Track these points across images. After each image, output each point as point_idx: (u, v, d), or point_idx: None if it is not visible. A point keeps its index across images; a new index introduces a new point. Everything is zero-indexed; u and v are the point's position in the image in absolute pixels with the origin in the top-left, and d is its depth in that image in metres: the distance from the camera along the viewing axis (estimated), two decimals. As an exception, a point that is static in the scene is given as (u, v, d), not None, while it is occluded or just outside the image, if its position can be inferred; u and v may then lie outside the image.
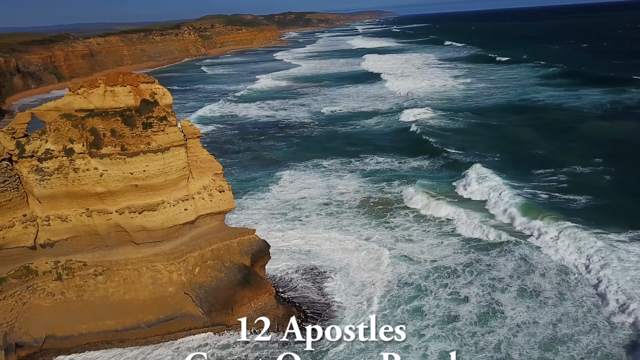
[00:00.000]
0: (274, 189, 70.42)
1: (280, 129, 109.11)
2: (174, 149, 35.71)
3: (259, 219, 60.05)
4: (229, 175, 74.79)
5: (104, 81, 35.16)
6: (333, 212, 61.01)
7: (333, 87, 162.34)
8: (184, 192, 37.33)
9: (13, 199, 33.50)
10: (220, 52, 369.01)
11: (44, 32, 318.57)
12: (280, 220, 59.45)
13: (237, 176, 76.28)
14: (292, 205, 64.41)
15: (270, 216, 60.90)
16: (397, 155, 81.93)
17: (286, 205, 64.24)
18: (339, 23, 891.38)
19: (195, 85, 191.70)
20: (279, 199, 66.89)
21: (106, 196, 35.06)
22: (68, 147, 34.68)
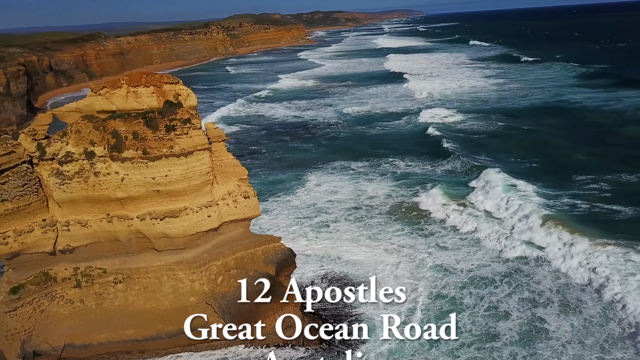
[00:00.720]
0: (300, 192, 68.57)
1: (307, 130, 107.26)
2: (197, 153, 34.06)
3: (285, 223, 58.27)
4: (255, 177, 73.55)
5: (126, 82, 33.75)
6: (363, 217, 58.73)
7: (359, 87, 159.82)
8: (207, 198, 35.69)
9: (32, 203, 32.36)
10: (248, 51, 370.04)
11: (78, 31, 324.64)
12: (306, 225, 57.53)
13: (264, 178, 74.71)
14: (320, 209, 62.40)
15: (296, 220, 59.03)
16: (429, 159, 79.01)
17: (313, 209, 62.28)
18: (367, 22, 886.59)
19: (222, 84, 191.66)
20: (306, 202, 64.99)
21: (127, 201, 33.66)
22: (89, 150, 33.39)
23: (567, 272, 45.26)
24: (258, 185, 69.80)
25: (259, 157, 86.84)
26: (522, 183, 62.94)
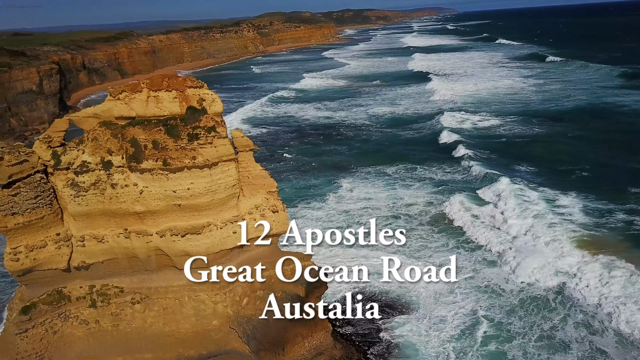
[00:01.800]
0: (332, 198, 65.32)
1: (338, 131, 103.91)
2: (222, 165, 31.04)
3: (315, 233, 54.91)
4: (284, 182, 70.66)
5: (147, 85, 30.97)
6: (401, 229, 54.90)
7: (388, 87, 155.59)
8: (233, 213, 32.66)
9: (46, 216, 29.91)
10: (278, 49, 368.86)
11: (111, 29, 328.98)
12: (335, 237, 54.01)
13: (294, 182, 71.69)
14: (353, 217, 59.01)
15: (327, 230, 55.59)
16: (467, 165, 74.59)
17: (346, 218, 58.94)
18: (398, 20, 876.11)
19: (251, 83, 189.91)
20: (338, 209, 61.71)
21: (146, 216, 30.90)
22: (106, 159, 30.75)
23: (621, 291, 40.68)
24: (288, 190, 66.96)
25: (288, 160, 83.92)
26: (568, 197, 58.21)
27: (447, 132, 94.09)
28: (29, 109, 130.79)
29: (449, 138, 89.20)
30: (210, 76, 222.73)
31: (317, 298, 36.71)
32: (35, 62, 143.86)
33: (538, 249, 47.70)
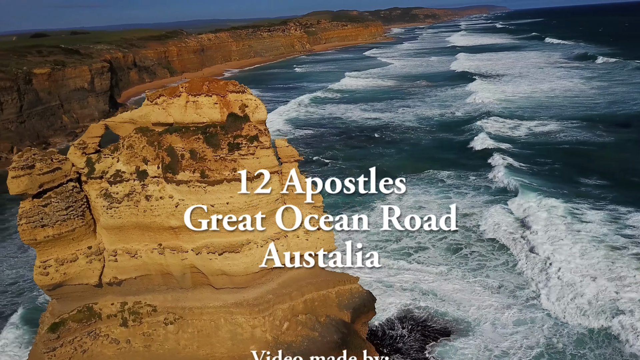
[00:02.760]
0: (379, 207, 61.57)
1: (385, 133, 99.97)
2: (265, 177, 28.22)
3: (360, 246, 51.57)
4: (326, 188, 67.56)
5: (186, 89, 28.55)
6: (458, 244, 50.88)
7: (436, 88, 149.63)
8: (274, 229, 29.84)
9: (77, 228, 28.03)
10: (325, 48, 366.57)
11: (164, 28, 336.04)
12: (387, 251, 50.65)
13: (331, 190, 68.25)
14: (403, 230, 55.10)
15: (374, 243, 52.28)
16: (526, 173, 69.34)
17: (396, 230, 55.08)
18: (447, 18, 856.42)
19: (296, 82, 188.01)
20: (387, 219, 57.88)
21: (181, 231, 28.53)
22: (141, 168, 28.58)
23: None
24: (333, 196, 63.70)
25: (335, 163, 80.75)
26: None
27: (499, 137, 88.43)
28: (81, 106, 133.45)
29: (502, 145, 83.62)
30: (256, 75, 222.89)
31: (364, 324, 33.46)
32: (88, 60, 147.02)
33: (598, 281, 42.49)
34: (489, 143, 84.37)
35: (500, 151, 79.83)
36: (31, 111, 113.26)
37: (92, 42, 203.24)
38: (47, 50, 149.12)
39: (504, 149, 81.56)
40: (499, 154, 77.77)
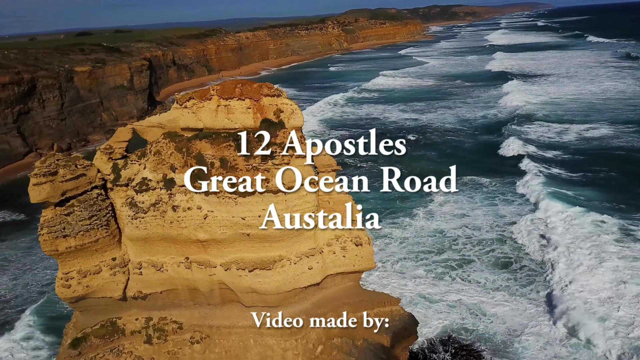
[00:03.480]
0: (421, 214, 58.55)
1: (425, 135, 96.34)
2: (300, 189, 25.87)
3: (399, 257, 48.85)
4: (367, 192, 64.88)
5: (217, 92, 26.47)
6: (507, 257, 47.33)
7: (477, 88, 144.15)
8: (309, 245, 27.49)
9: (101, 239, 26.40)
10: (362, 46, 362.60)
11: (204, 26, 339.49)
12: (427, 263, 47.60)
13: (380, 193, 65.44)
14: (445, 240, 52.08)
15: (414, 255, 49.32)
16: (582, 183, 64.64)
17: (436, 240, 52.12)
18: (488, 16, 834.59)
19: (333, 81, 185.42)
20: (428, 229, 54.93)
21: (210, 244, 26.51)
22: (169, 176, 26.70)
23: None
24: (373, 201, 61.25)
25: (373, 166, 77.73)
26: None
27: (545, 143, 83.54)
28: (120, 103, 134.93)
29: (548, 152, 78.74)
30: (292, 73, 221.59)
31: (404, 349, 30.71)
32: (127, 58, 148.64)
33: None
34: (532, 149, 79.65)
35: (544, 159, 75.20)
36: (72, 108, 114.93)
37: (134, 41, 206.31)
38: (89, 48, 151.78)
39: (550, 156, 76.80)
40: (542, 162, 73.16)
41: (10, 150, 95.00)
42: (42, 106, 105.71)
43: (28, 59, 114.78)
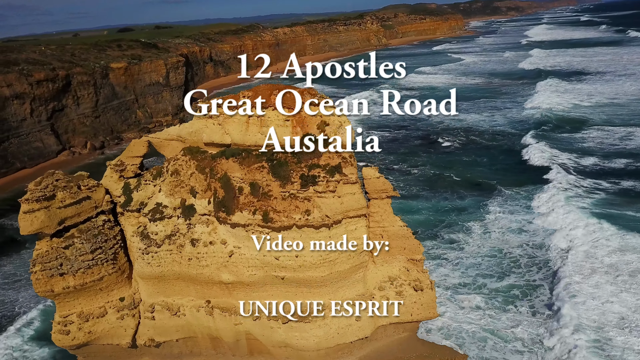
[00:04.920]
0: (476, 229, 52.38)
1: (473, 139, 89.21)
2: (349, 223, 20.65)
3: (457, 281, 42.83)
4: (420, 200, 59.20)
5: (249, 99, 21.39)
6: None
7: (523, 86, 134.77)
8: (357, 290, 22.19)
9: (106, 277, 21.85)
10: (402, 42, 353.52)
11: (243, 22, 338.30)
12: (487, 290, 41.43)
13: (434, 203, 59.52)
14: (505, 260, 45.77)
15: (470, 278, 43.26)
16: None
17: (495, 261, 45.85)
18: (531, 11, 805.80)
19: (370, 78, 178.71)
20: (487, 247, 48.70)
21: (236, 287, 21.58)
22: (188, 202, 21.88)
23: None
24: (425, 212, 55.63)
25: (420, 172, 71.53)
26: None
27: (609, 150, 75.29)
28: (155, 100, 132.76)
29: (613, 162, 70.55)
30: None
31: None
32: (164, 54, 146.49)
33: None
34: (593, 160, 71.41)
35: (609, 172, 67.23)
36: (106, 106, 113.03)
37: (172, 37, 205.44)
38: (126, 44, 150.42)
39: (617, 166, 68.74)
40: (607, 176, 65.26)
41: (43, 148, 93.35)
42: (77, 103, 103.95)
43: (64, 55, 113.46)
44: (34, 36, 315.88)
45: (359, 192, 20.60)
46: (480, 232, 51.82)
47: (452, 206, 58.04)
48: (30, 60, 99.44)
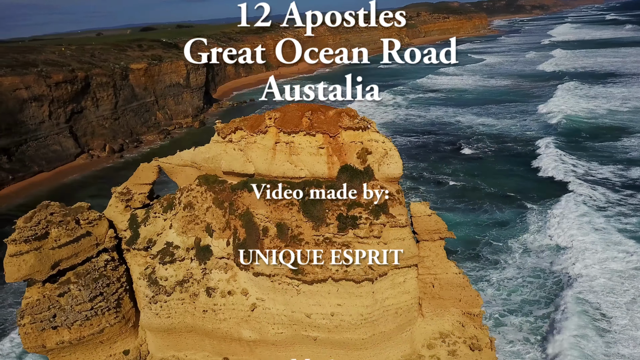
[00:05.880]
0: (516, 248, 48.29)
1: (505, 145, 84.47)
2: (396, 274, 17.00)
3: (495, 311, 38.77)
4: (457, 212, 55.28)
5: (276, 122, 17.90)
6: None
7: (548, 89, 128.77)
8: (402, 350, 18.54)
9: (107, 328, 18.63)
10: (424, 41, 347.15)
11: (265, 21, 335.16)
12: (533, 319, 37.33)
13: (473, 217, 55.35)
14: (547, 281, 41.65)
15: (515, 305, 39.17)
16: None
17: (539, 284, 41.77)
18: (557, 9, 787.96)
19: (393, 79, 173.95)
20: (525, 266, 44.60)
21: (259, 346, 18.12)
22: (203, 242, 18.51)
23: None
24: (466, 228, 51.79)
25: (453, 182, 67.07)
26: None
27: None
28: (175, 102, 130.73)
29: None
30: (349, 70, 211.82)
31: None
32: (183, 55, 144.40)
33: None
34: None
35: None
36: (126, 107, 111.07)
37: (193, 36, 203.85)
38: (147, 44, 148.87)
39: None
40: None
41: (61, 151, 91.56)
42: (96, 105, 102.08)
43: (84, 56, 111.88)
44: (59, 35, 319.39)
45: (409, 237, 16.93)
46: (521, 251, 47.72)
47: (491, 221, 53.88)
48: (49, 61, 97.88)
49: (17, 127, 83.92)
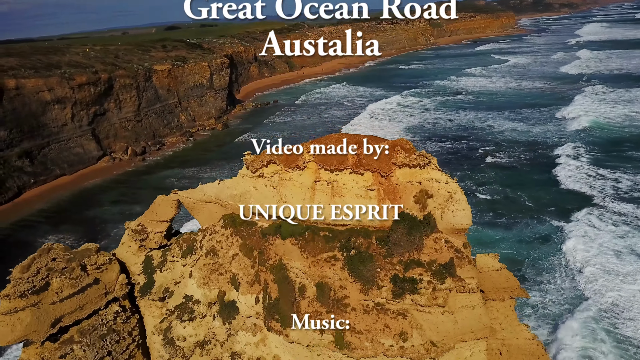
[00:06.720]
0: (558, 267, 44.53)
1: (541, 152, 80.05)
2: (462, 347, 13.81)
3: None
4: (495, 228, 51.57)
5: (316, 158, 14.88)
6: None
7: (571, 91, 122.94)
8: None
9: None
10: (450, 41, 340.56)
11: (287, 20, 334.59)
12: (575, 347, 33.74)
13: (514, 233, 51.62)
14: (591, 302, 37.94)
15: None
16: None
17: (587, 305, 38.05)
18: (586, 8, 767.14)
19: (419, 80, 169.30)
20: (567, 289, 40.91)
21: (292, 423, 15.13)
22: (228, 297, 15.64)
23: None
24: (507, 245, 48.29)
25: (489, 193, 63.06)
26: None
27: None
28: (199, 103, 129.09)
29: None
30: (375, 70, 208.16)
31: None
32: (209, 55, 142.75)
33: None
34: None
35: None
36: (149, 109, 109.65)
37: (217, 36, 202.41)
38: (171, 44, 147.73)
39: None
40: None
41: (83, 154, 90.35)
42: (119, 107, 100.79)
43: (108, 57, 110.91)
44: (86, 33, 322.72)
45: (480, 305, 13.74)
46: (565, 275, 43.96)
47: (533, 236, 50.06)
48: (72, 63, 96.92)
49: (40, 129, 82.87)
